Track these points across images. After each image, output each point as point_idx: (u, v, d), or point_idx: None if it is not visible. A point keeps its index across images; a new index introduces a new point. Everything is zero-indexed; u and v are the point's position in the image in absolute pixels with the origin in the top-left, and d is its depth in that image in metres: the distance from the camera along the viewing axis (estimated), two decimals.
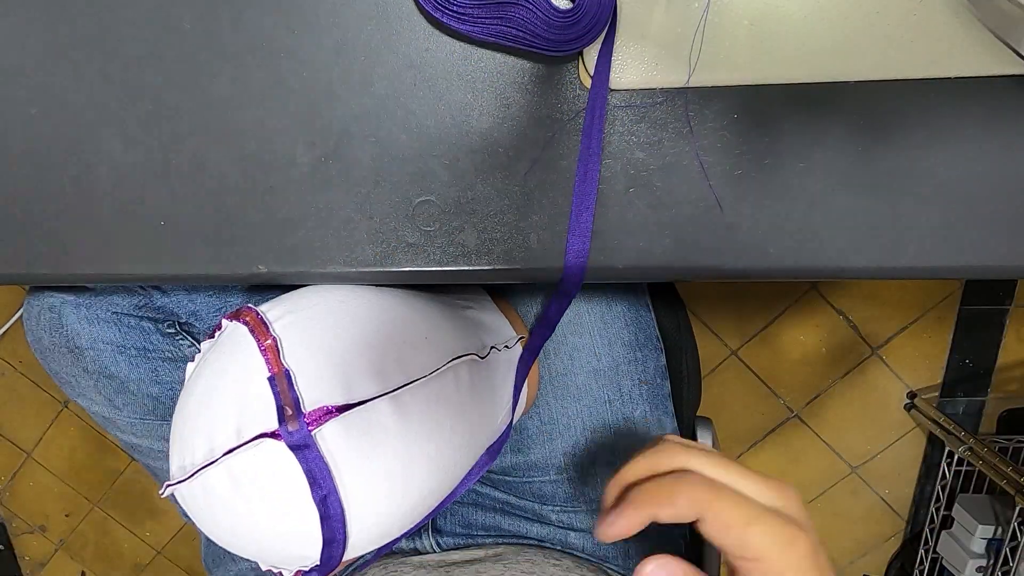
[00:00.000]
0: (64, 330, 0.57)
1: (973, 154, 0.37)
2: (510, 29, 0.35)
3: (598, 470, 0.59)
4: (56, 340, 0.58)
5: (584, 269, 0.40)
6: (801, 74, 0.36)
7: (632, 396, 0.59)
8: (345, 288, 0.44)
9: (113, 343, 0.58)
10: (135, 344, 0.59)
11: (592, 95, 0.37)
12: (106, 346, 0.58)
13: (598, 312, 0.58)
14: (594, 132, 0.38)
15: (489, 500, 0.64)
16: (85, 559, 1.76)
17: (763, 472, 0.34)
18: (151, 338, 0.59)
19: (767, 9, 0.35)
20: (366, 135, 0.40)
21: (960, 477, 1.28)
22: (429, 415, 0.42)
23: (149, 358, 0.59)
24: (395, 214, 0.41)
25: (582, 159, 0.39)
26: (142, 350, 0.59)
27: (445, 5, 0.35)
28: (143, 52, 0.40)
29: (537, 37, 0.35)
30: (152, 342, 0.60)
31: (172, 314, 0.60)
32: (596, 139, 0.38)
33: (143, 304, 0.59)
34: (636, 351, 0.59)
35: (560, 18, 0.35)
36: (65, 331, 0.57)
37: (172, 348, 0.60)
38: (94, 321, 0.57)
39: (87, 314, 0.57)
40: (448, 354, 0.45)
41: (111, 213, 0.43)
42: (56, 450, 1.63)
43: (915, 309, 1.31)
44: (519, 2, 0.35)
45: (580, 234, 0.40)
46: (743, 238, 0.39)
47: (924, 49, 0.35)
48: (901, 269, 0.39)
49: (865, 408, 1.37)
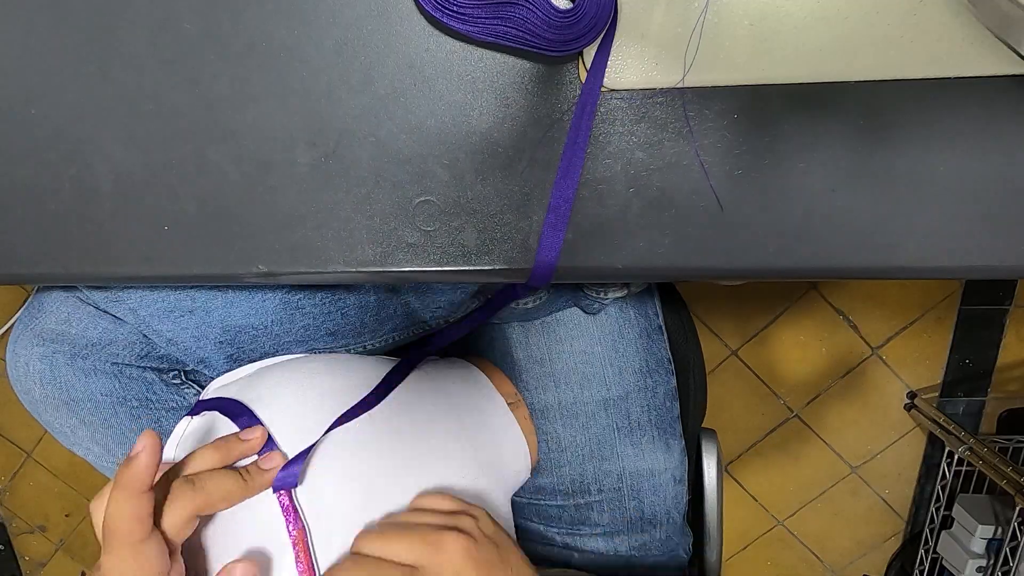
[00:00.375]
0: (57, 383, 0.55)
1: (973, 154, 0.37)
2: (510, 29, 0.35)
3: (604, 496, 0.59)
4: (48, 392, 0.55)
5: (554, 267, 0.40)
6: (801, 74, 0.36)
7: (641, 423, 0.59)
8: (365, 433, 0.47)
9: (113, 395, 0.55)
10: (137, 396, 0.56)
11: (585, 89, 0.37)
12: (105, 398, 0.55)
13: (610, 341, 0.58)
14: (583, 126, 0.38)
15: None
16: (85, 559, 1.76)
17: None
18: (154, 388, 0.57)
19: (767, 9, 0.35)
20: (366, 135, 0.40)
21: (960, 477, 1.28)
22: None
23: (151, 408, 0.57)
24: (395, 214, 0.41)
25: (566, 153, 0.39)
26: (144, 401, 0.57)
27: (445, 5, 0.35)
28: (143, 52, 0.40)
29: (537, 37, 0.35)
30: (155, 392, 0.57)
31: (178, 362, 0.58)
32: (584, 133, 0.38)
33: (146, 353, 0.56)
34: (647, 377, 0.59)
35: (560, 18, 0.35)
36: (58, 383, 0.55)
37: (177, 398, 0.58)
38: (91, 373, 0.55)
39: (83, 365, 0.54)
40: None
41: (111, 213, 0.43)
42: (56, 450, 1.63)
43: (915, 309, 1.31)
44: (519, 2, 0.35)
45: (553, 234, 0.40)
46: (743, 238, 0.39)
47: (924, 49, 0.35)
48: (901, 269, 0.39)
49: (865, 408, 1.37)
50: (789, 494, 1.46)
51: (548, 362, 0.58)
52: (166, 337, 0.54)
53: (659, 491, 0.60)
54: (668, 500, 0.60)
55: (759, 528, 1.49)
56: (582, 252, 0.41)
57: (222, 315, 0.53)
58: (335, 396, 0.48)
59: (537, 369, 0.58)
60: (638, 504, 0.59)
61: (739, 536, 1.50)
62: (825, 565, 1.50)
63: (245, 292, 0.52)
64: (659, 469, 0.59)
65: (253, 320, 0.53)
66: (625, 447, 0.58)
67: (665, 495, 0.60)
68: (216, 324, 0.53)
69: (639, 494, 0.59)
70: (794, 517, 1.47)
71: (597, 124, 0.39)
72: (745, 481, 1.46)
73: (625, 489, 0.59)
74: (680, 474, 0.61)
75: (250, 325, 0.53)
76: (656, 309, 0.61)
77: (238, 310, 0.53)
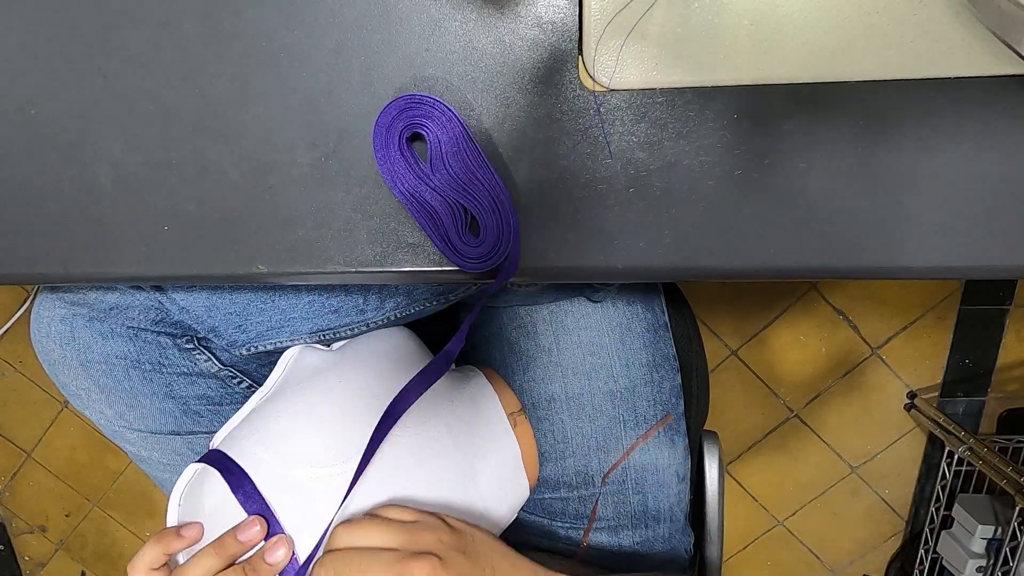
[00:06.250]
0: (76, 343, 0.57)
1: (973, 154, 0.37)
2: (427, 216, 0.40)
3: (608, 488, 0.59)
4: (67, 353, 0.57)
5: (515, 263, 0.41)
6: (801, 74, 0.36)
7: (647, 417, 0.59)
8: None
9: (128, 358, 0.58)
10: (150, 359, 0.58)
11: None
12: (120, 360, 0.57)
13: (618, 333, 0.58)
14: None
15: None
16: (85, 559, 1.76)
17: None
18: (167, 353, 0.59)
19: (767, 9, 0.35)
20: (366, 135, 0.40)
21: (960, 477, 1.28)
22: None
23: (164, 373, 0.59)
24: (395, 214, 0.41)
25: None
26: (157, 365, 0.59)
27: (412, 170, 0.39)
28: (143, 52, 0.40)
29: (448, 240, 0.40)
30: (168, 357, 0.59)
31: (190, 329, 0.60)
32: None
33: (160, 319, 0.58)
34: (653, 372, 0.59)
35: (471, 240, 0.41)
36: (77, 344, 0.57)
37: (188, 363, 0.60)
38: (108, 335, 0.57)
39: (101, 328, 0.57)
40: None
41: (111, 213, 0.43)
42: (56, 450, 1.63)
43: (915, 309, 1.31)
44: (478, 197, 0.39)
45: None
46: (743, 238, 0.39)
47: (924, 49, 0.35)
48: (901, 269, 0.39)
49: (865, 408, 1.37)
50: (789, 494, 1.46)
51: (556, 352, 0.58)
52: (179, 305, 0.57)
53: (663, 487, 0.60)
54: (671, 496, 0.60)
55: (759, 528, 1.49)
56: (582, 252, 0.41)
57: (232, 288, 0.56)
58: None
59: (544, 358, 0.58)
60: (642, 499, 0.59)
61: (739, 536, 1.50)
62: (825, 565, 1.50)
63: None
64: (663, 465, 0.59)
65: (261, 294, 0.56)
66: (631, 440, 0.58)
67: (669, 491, 0.60)
68: (226, 296, 0.56)
69: (643, 488, 0.59)
70: (794, 517, 1.47)
71: (597, 124, 0.39)
72: (745, 481, 1.46)
73: (629, 483, 0.59)
74: (684, 472, 0.61)
75: (258, 298, 0.56)
76: (662, 307, 0.61)
77: (248, 284, 0.55)
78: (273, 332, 0.57)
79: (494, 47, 0.38)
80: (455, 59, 0.38)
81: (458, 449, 0.52)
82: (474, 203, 0.39)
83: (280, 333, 0.57)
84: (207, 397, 0.61)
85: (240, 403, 0.63)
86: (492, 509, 0.53)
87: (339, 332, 0.57)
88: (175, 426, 0.60)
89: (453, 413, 0.54)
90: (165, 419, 0.59)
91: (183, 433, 0.60)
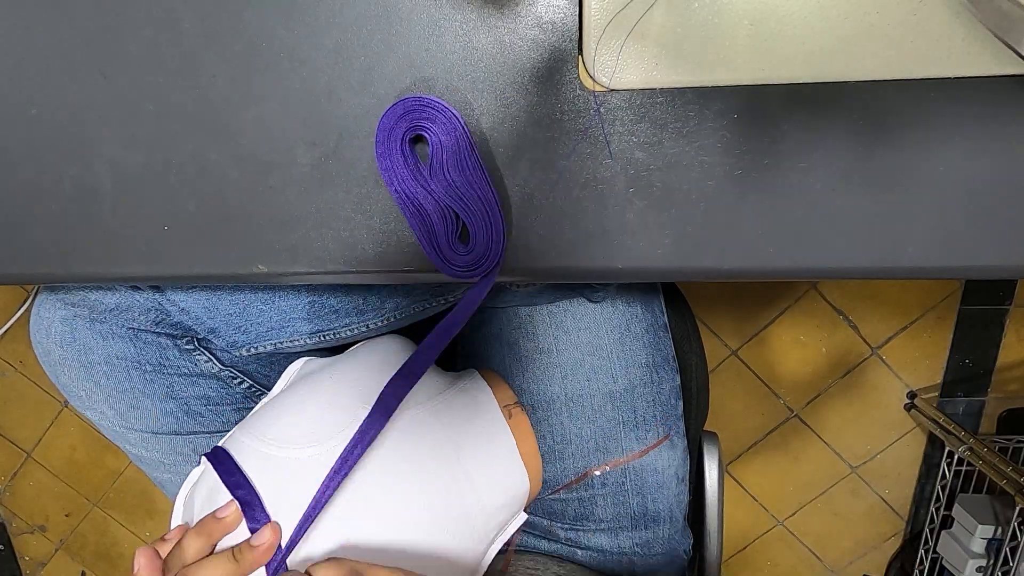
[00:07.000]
0: (76, 344, 0.57)
1: (973, 154, 0.37)
2: (419, 218, 0.40)
3: (607, 490, 0.59)
4: (67, 354, 0.57)
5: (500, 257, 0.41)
6: (801, 74, 0.36)
7: (646, 418, 0.59)
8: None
9: (128, 358, 0.58)
10: (151, 360, 0.59)
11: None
12: (120, 361, 0.58)
13: (617, 334, 0.58)
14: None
15: None
16: (85, 559, 1.76)
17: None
18: (168, 354, 0.59)
19: (767, 9, 0.35)
20: (366, 135, 0.40)
21: (960, 477, 1.28)
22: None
23: (165, 373, 0.59)
24: (395, 214, 0.41)
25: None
26: (158, 366, 0.59)
27: (403, 163, 0.39)
28: (143, 52, 0.40)
29: (437, 245, 0.41)
30: (169, 358, 0.60)
31: (190, 330, 0.60)
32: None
33: (160, 320, 0.59)
34: (653, 372, 0.59)
35: (460, 248, 0.41)
36: (77, 345, 0.57)
37: (189, 364, 0.61)
38: (108, 336, 0.57)
39: (102, 329, 0.57)
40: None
41: (111, 213, 0.43)
42: (56, 450, 1.63)
43: (915, 309, 1.31)
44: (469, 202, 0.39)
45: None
46: (743, 238, 0.39)
47: (924, 49, 0.35)
48: (901, 269, 0.39)
49: (865, 408, 1.37)
50: (789, 494, 1.46)
51: (555, 352, 0.58)
52: (179, 306, 0.57)
53: (662, 488, 0.60)
54: (671, 498, 0.60)
55: (759, 528, 1.49)
56: (582, 252, 0.41)
57: (232, 288, 0.56)
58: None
59: (544, 359, 0.58)
60: (641, 500, 0.59)
61: (739, 536, 1.50)
62: (825, 565, 1.50)
63: None
64: (663, 466, 0.59)
65: (261, 295, 0.56)
66: (630, 441, 0.58)
67: (668, 492, 0.60)
68: (226, 297, 0.57)
69: (642, 490, 0.59)
70: (794, 517, 1.47)
71: (597, 124, 0.39)
72: (745, 481, 1.46)
73: (629, 484, 0.59)
74: (683, 473, 0.61)
75: (258, 299, 0.56)
76: (662, 307, 0.61)
77: (248, 285, 0.55)
78: (273, 332, 0.58)
79: (494, 47, 0.38)
80: (455, 59, 0.38)
81: (445, 434, 0.52)
82: (467, 212, 0.39)
83: (280, 333, 0.58)
84: (208, 397, 0.61)
85: (240, 403, 0.63)
86: (484, 498, 0.52)
87: (339, 332, 0.58)
88: (176, 426, 0.60)
89: (443, 400, 0.54)
90: (166, 419, 0.60)
91: (184, 433, 0.61)
